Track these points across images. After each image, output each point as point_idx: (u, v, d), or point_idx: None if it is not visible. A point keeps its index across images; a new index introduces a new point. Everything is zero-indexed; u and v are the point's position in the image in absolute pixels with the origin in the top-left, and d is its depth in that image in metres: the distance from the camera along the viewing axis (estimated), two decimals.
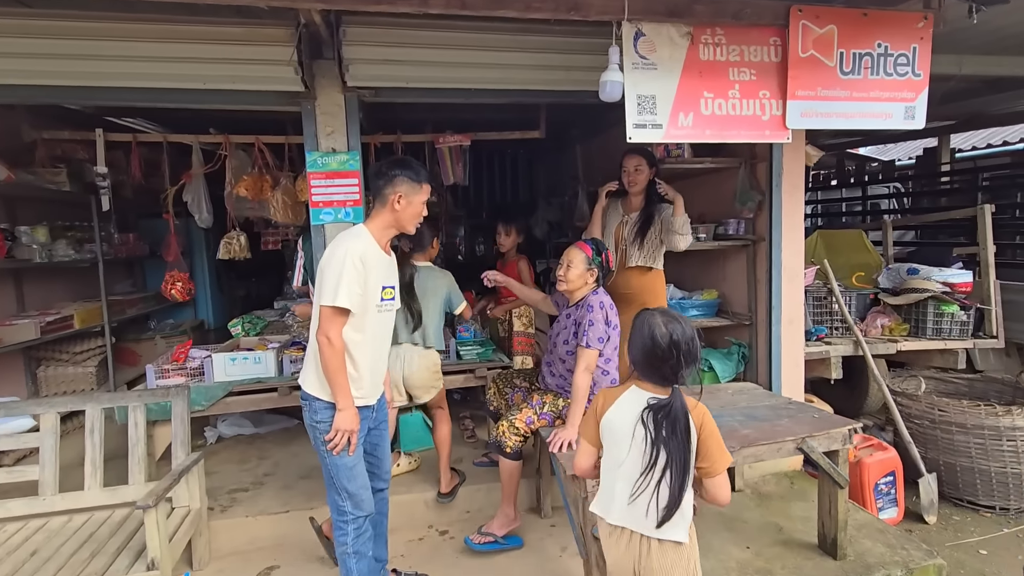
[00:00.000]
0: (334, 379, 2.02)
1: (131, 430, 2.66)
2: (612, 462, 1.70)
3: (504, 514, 2.77)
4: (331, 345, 1.98)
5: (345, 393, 2.03)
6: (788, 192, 3.30)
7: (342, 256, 1.98)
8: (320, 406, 2.09)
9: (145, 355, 5.07)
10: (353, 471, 2.11)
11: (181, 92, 2.60)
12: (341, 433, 2.04)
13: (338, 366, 2.00)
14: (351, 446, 2.07)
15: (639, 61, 2.22)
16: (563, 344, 2.67)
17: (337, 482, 2.11)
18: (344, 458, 2.08)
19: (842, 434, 2.52)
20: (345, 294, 1.96)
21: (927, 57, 2.42)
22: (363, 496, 2.14)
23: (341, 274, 1.95)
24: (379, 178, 2.08)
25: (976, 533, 3.21)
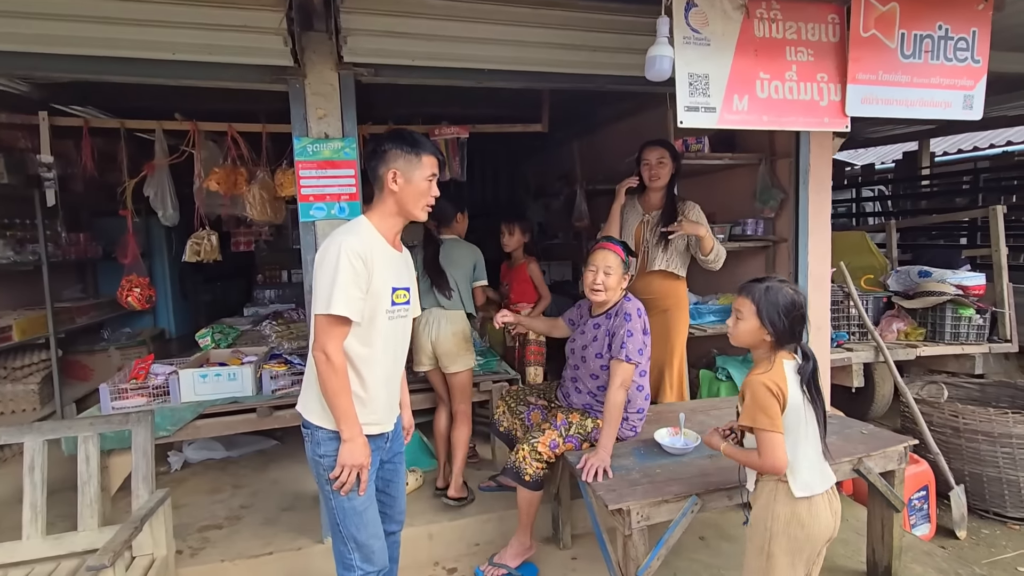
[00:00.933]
0: (335, 403, 1.66)
1: (81, 465, 2.23)
2: (796, 438, 1.69)
3: (519, 542, 2.47)
4: (329, 362, 1.63)
5: (350, 420, 1.67)
6: (815, 190, 3.10)
7: (336, 254, 1.64)
8: (323, 436, 1.73)
9: (98, 369, 4.55)
10: (364, 516, 1.74)
11: (144, 64, 2.18)
12: (348, 469, 1.68)
13: (339, 387, 1.65)
14: (361, 484, 1.71)
15: (691, 35, 1.95)
16: (595, 358, 2.37)
17: (344, 529, 1.74)
18: (353, 500, 1.72)
19: (898, 452, 2.31)
20: (342, 300, 1.61)
21: (986, 43, 2.25)
22: (374, 547, 1.77)
23: (336, 276, 1.61)
24: (372, 158, 1.75)
25: (1009, 548, 3.06)
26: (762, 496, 1.75)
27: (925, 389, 3.73)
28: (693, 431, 2.40)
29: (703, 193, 3.97)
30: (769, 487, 1.74)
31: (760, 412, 1.63)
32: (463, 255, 3.04)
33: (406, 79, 2.49)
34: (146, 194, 3.29)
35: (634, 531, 1.97)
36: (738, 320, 1.74)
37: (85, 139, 3.12)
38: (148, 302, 3.43)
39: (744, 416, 1.69)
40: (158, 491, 2.25)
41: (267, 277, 6.02)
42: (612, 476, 2.14)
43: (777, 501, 1.72)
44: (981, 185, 6.23)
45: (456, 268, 2.99)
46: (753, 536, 1.77)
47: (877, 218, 7.44)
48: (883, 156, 10.22)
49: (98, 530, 2.19)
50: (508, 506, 2.81)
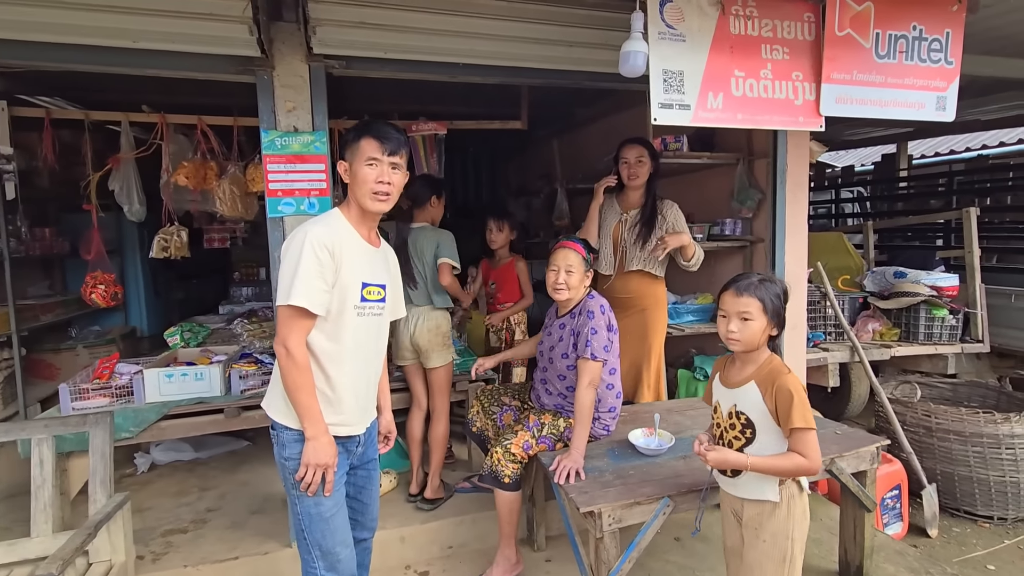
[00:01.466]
0: (297, 399, 1.59)
1: (35, 469, 2.14)
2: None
3: (504, 557, 2.40)
4: (290, 356, 1.56)
5: (314, 417, 1.59)
6: (792, 191, 3.11)
7: (300, 243, 1.57)
8: (288, 437, 1.66)
9: (65, 368, 4.40)
10: (330, 523, 1.67)
11: (104, 52, 2.09)
12: (312, 469, 1.60)
13: (300, 383, 1.58)
14: (326, 486, 1.63)
15: (666, 31, 1.92)
16: (562, 359, 2.33)
17: (309, 535, 1.67)
18: (319, 505, 1.65)
19: (870, 453, 2.31)
20: (302, 291, 1.54)
21: (959, 45, 2.26)
22: (341, 555, 1.70)
23: (298, 266, 1.55)
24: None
25: (979, 546, 3.10)
26: (783, 504, 1.68)
27: (899, 389, 3.77)
28: (668, 431, 2.39)
29: (681, 192, 3.96)
30: (788, 492, 1.68)
31: (808, 411, 1.59)
32: (427, 241, 2.86)
33: (378, 72, 2.43)
34: (111, 188, 3.18)
35: (605, 534, 1.94)
36: (747, 322, 1.65)
37: (47, 131, 3.01)
38: (114, 299, 3.32)
39: (796, 418, 1.58)
40: (117, 495, 2.17)
41: (244, 275, 5.90)
42: (584, 478, 2.11)
43: (794, 504, 1.69)
44: (955, 188, 6.34)
45: (421, 257, 2.84)
46: (772, 550, 1.69)
47: (856, 219, 7.53)
48: (863, 158, 10.36)
49: (52, 536, 2.11)
50: (482, 508, 2.77)
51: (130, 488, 3.14)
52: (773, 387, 1.63)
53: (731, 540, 1.86)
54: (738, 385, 1.72)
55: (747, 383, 1.70)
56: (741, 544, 1.80)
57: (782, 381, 1.63)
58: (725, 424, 1.77)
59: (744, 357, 1.73)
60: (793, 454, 1.62)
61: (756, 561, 1.73)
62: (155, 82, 3.26)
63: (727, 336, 1.69)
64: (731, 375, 1.77)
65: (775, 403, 1.63)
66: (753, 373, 1.69)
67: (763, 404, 1.66)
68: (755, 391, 1.67)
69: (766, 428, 1.67)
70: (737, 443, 1.73)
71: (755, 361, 1.71)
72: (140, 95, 3.58)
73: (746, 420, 1.70)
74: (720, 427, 1.79)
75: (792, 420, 1.58)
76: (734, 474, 1.76)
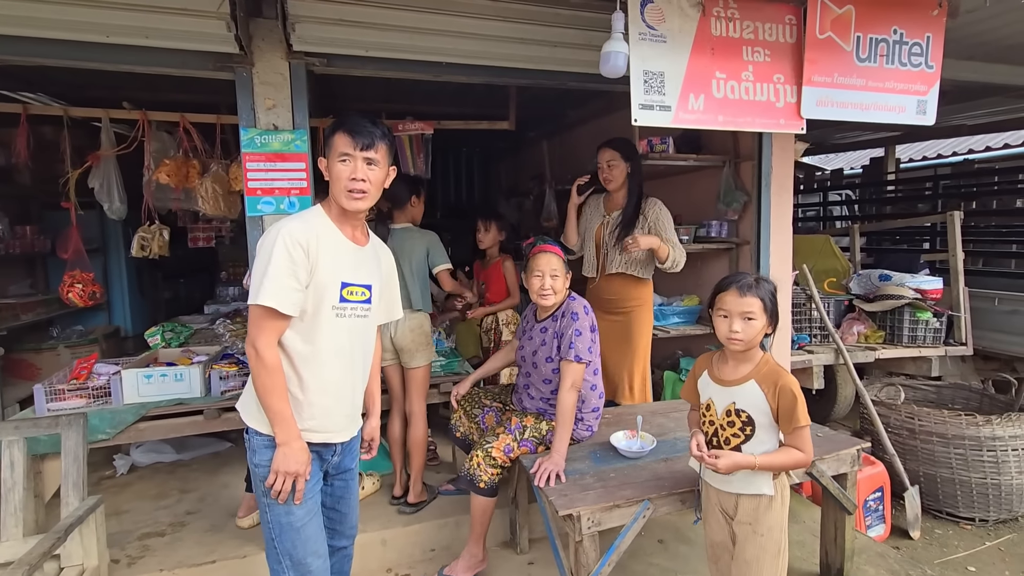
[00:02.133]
0: (267, 403, 1.53)
1: (5, 472, 2.10)
2: None
3: (470, 554, 2.39)
4: (259, 358, 1.51)
5: (285, 422, 1.54)
6: (777, 193, 3.12)
7: (272, 241, 1.51)
8: (260, 443, 1.60)
9: (46, 368, 4.35)
10: (301, 533, 1.60)
11: (76, 47, 2.06)
12: (281, 476, 1.54)
13: (270, 386, 1.52)
14: (296, 494, 1.58)
15: (646, 32, 1.92)
16: (546, 363, 2.32)
17: (279, 544, 1.60)
18: (290, 514, 1.59)
19: (851, 455, 2.31)
20: (271, 290, 1.47)
21: (940, 49, 2.27)
22: (312, 566, 1.62)
23: (269, 264, 1.48)
24: None
25: (960, 547, 3.11)
26: (777, 498, 1.74)
27: (883, 391, 3.78)
28: (650, 434, 2.38)
29: (668, 194, 3.95)
30: (781, 484, 1.74)
31: (805, 410, 1.65)
32: (415, 244, 2.84)
33: (360, 70, 2.41)
34: (91, 186, 3.13)
35: (585, 537, 1.92)
36: (750, 321, 1.66)
37: (22, 127, 2.95)
38: (92, 299, 3.27)
39: (800, 417, 1.64)
40: (90, 498, 2.13)
41: (230, 274, 5.85)
42: (565, 480, 2.10)
43: (786, 494, 1.75)
44: (941, 191, 6.38)
45: (404, 261, 2.78)
46: (768, 543, 1.73)
47: (844, 222, 7.57)
48: (852, 161, 10.42)
49: (23, 540, 2.07)
50: (465, 510, 2.73)
51: (109, 490, 3.10)
52: (776, 387, 1.67)
53: (719, 536, 1.86)
54: (736, 383, 1.73)
55: (746, 381, 1.71)
56: (730, 540, 1.81)
57: (785, 382, 1.67)
58: (721, 422, 1.77)
59: (739, 356, 1.74)
60: (792, 449, 1.68)
61: (754, 556, 1.74)
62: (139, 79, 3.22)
63: (729, 336, 1.69)
64: (725, 373, 1.77)
65: (777, 403, 1.67)
66: (752, 372, 1.71)
67: (765, 403, 1.69)
68: (756, 390, 1.69)
69: (764, 425, 1.71)
70: (736, 440, 1.74)
71: (751, 360, 1.73)
72: (124, 92, 3.53)
73: (747, 418, 1.72)
74: (715, 424, 1.79)
75: (797, 419, 1.64)
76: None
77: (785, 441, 1.71)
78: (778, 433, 1.74)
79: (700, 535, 2.74)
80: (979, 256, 5.58)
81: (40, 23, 1.97)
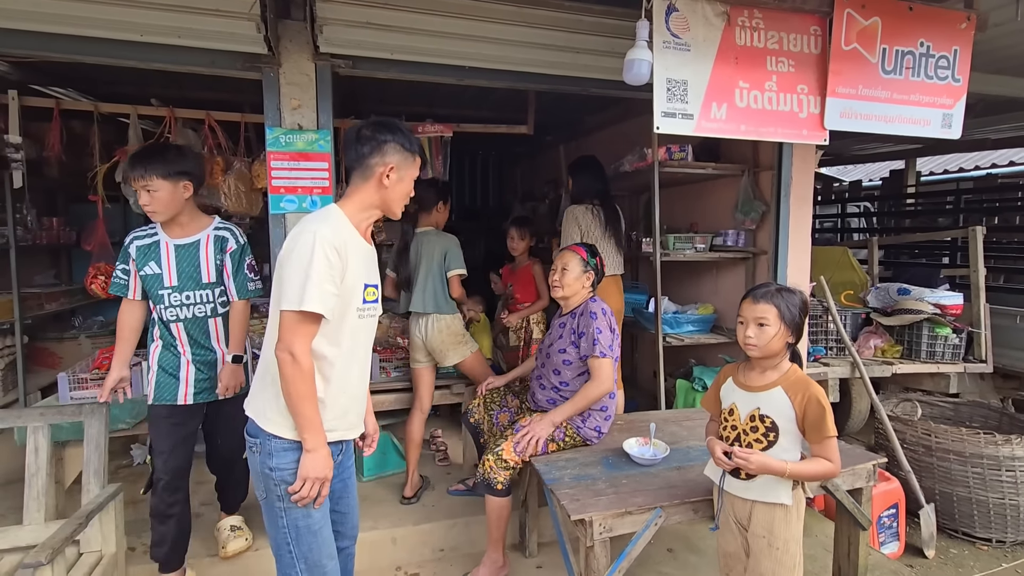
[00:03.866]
0: (300, 409, 1.49)
1: (29, 457, 2.15)
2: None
3: (491, 560, 2.40)
4: (296, 364, 1.47)
5: (316, 428, 1.52)
6: (796, 204, 3.10)
7: (309, 244, 1.48)
8: (278, 447, 1.55)
9: (67, 357, 4.43)
10: (319, 536, 1.60)
11: (110, 44, 2.12)
12: (311, 482, 1.52)
13: (305, 392, 1.49)
14: (319, 499, 1.58)
15: (671, 40, 1.92)
16: (559, 353, 2.38)
17: (296, 548, 1.59)
18: (308, 517, 1.58)
19: (867, 470, 2.29)
20: (316, 295, 1.46)
21: (967, 63, 2.25)
22: (327, 568, 1.63)
23: (309, 269, 1.46)
24: (362, 143, 1.60)
25: (976, 568, 3.05)
26: (794, 509, 1.73)
27: (900, 406, 3.73)
28: (663, 441, 2.37)
29: (685, 202, 3.97)
30: (797, 498, 1.73)
31: (832, 421, 1.65)
32: (433, 246, 2.91)
33: (384, 73, 2.44)
34: (118, 180, 3.20)
35: (596, 542, 1.92)
36: (763, 327, 1.70)
37: (55, 121, 3.03)
38: None
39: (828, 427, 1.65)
40: (110, 486, 2.18)
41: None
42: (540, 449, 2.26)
43: (801, 507, 1.75)
44: (963, 206, 6.29)
45: (426, 261, 2.89)
46: (784, 556, 1.73)
47: (862, 234, 7.50)
48: (872, 173, 10.33)
49: (44, 524, 2.12)
50: (475, 512, 2.76)
51: (126, 479, 3.16)
52: (803, 396, 1.69)
53: (731, 547, 1.85)
54: (762, 390, 1.75)
55: (773, 388, 1.73)
56: (743, 551, 1.81)
57: (812, 392, 1.69)
58: (744, 427, 1.78)
59: (765, 364, 1.77)
60: (821, 459, 1.68)
61: (770, 570, 1.74)
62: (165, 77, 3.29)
63: (745, 342, 1.75)
64: (751, 380, 1.80)
65: (804, 412, 1.68)
66: (779, 380, 1.73)
67: (791, 410, 1.70)
68: (783, 396, 1.71)
69: (788, 432, 1.72)
70: (758, 446, 1.75)
71: (778, 369, 1.76)
72: (151, 89, 3.61)
73: (771, 424, 1.73)
74: (737, 429, 1.79)
75: (826, 429, 1.65)
76: (748, 476, 1.76)
77: (813, 452, 1.71)
78: (800, 442, 1.73)
79: (709, 545, 2.73)
80: (1000, 272, 5.49)
81: (79, 21, 2.03)
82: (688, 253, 3.38)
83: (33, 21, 2.01)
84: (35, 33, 2.05)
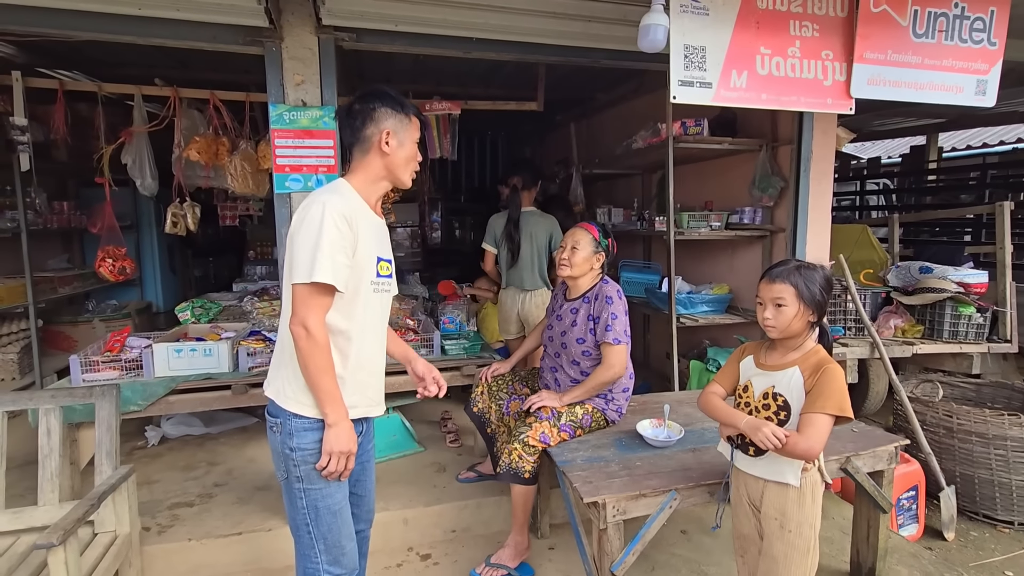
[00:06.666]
0: (319, 383, 1.48)
1: (42, 439, 2.16)
2: None
3: (515, 543, 2.38)
4: (311, 337, 1.45)
5: (336, 402, 1.50)
6: (816, 179, 2.99)
7: (319, 215, 1.44)
8: (299, 426, 1.53)
9: (81, 340, 4.50)
10: (339, 516, 1.59)
11: (109, 19, 2.06)
12: (336, 457, 1.51)
13: (323, 365, 1.48)
14: (346, 472, 1.56)
15: (688, 4, 1.82)
16: (577, 343, 2.29)
17: (315, 529, 1.58)
18: (329, 497, 1.57)
19: (888, 452, 2.23)
20: (328, 266, 1.43)
21: (1004, 24, 2.11)
22: (346, 548, 1.62)
23: (319, 239, 1.43)
24: (354, 117, 1.57)
25: (997, 551, 2.99)
26: (807, 492, 1.68)
27: (920, 387, 3.64)
28: (677, 423, 2.33)
29: (700, 179, 3.86)
30: (811, 479, 1.69)
31: (846, 400, 1.57)
32: (537, 226, 3.30)
33: (389, 46, 2.37)
34: (124, 162, 3.18)
35: (609, 525, 1.89)
36: (780, 307, 1.65)
37: (59, 102, 3.00)
38: (121, 273, 3.34)
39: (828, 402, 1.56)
40: (122, 467, 2.18)
41: (258, 253, 5.93)
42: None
43: (817, 491, 1.69)
44: (988, 181, 6.08)
45: (529, 238, 3.29)
46: (797, 540, 1.68)
47: (881, 212, 7.30)
48: (891, 150, 10.04)
49: (59, 505, 2.14)
50: (487, 493, 2.75)
51: (140, 461, 3.19)
52: (817, 373, 1.63)
53: (746, 528, 1.82)
54: (779, 369, 1.71)
55: (790, 367, 1.68)
56: (756, 533, 1.78)
57: (827, 367, 1.63)
58: (757, 404, 1.74)
59: (786, 344, 1.72)
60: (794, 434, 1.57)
61: (782, 553, 1.70)
62: (171, 57, 3.23)
63: (763, 323, 1.70)
64: (770, 359, 1.76)
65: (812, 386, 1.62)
66: (798, 360, 1.68)
67: (803, 389, 1.65)
68: (798, 375, 1.66)
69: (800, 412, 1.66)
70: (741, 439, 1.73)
71: (800, 349, 1.70)
72: (157, 70, 3.56)
73: (783, 402, 1.68)
74: (750, 406, 1.76)
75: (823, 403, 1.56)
76: (757, 453, 1.72)
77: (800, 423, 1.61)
78: None
79: (724, 526, 2.69)
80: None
81: None
82: (703, 231, 3.30)
83: None
84: (30, 8, 1.99)
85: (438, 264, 6.68)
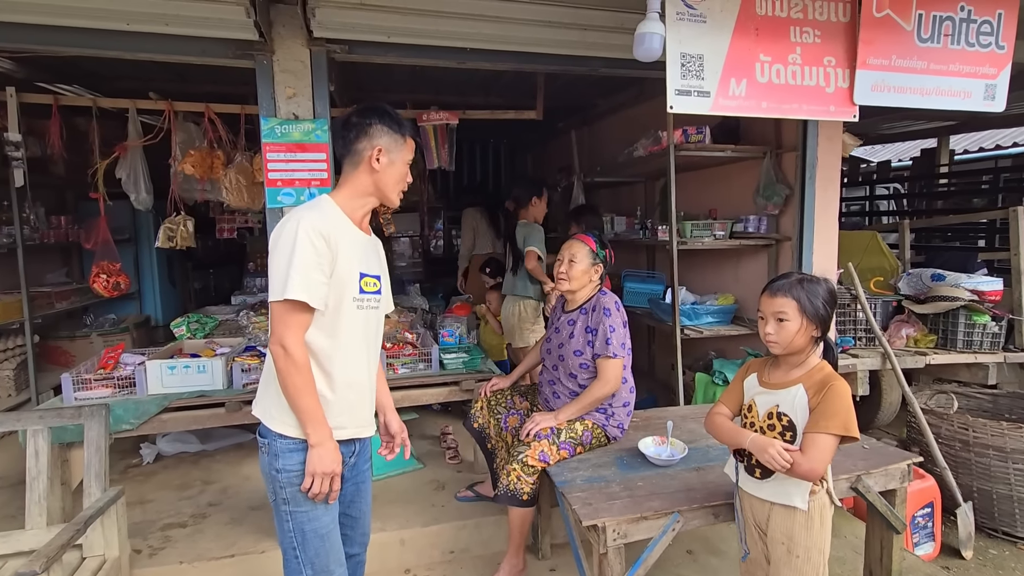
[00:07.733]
0: (299, 403, 1.45)
1: (30, 460, 2.12)
2: None
3: (511, 564, 2.32)
4: (288, 356, 1.42)
5: (318, 422, 1.46)
6: (822, 186, 2.92)
7: (293, 232, 1.42)
8: (284, 447, 1.50)
9: (79, 355, 4.47)
10: (326, 540, 1.54)
11: (98, 35, 2.03)
12: (319, 478, 1.47)
13: (301, 385, 1.44)
14: (332, 494, 1.52)
15: (684, 11, 1.77)
16: (574, 356, 2.23)
17: (302, 554, 1.53)
18: (315, 520, 1.52)
19: (901, 470, 2.14)
20: (300, 283, 1.40)
21: (1013, 27, 2.04)
22: (335, 573, 1.57)
23: (292, 257, 1.41)
24: (348, 129, 1.55)
25: (1017, 570, 2.88)
26: (815, 516, 1.61)
27: (934, 399, 3.54)
28: (681, 440, 2.25)
29: (703, 187, 3.79)
30: (820, 502, 1.61)
31: (851, 419, 1.51)
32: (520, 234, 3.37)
33: (382, 58, 2.33)
34: (118, 176, 3.16)
35: (610, 549, 1.82)
36: (783, 322, 1.59)
37: (54, 117, 2.99)
38: (116, 289, 3.31)
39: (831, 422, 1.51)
40: (111, 489, 2.13)
41: (258, 265, 5.90)
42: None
43: (826, 515, 1.62)
44: (1001, 185, 5.96)
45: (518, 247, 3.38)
46: (806, 566, 1.61)
47: (892, 217, 7.19)
48: (900, 153, 9.93)
49: (46, 528, 2.08)
50: (485, 513, 2.68)
51: (135, 479, 3.14)
52: (822, 391, 1.56)
53: (752, 552, 1.74)
54: (782, 387, 1.64)
55: (794, 386, 1.62)
56: (763, 557, 1.71)
57: (835, 384, 1.56)
58: (762, 424, 1.67)
59: (790, 360, 1.65)
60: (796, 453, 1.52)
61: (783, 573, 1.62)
62: (167, 71, 3.21)
63: (765, 338, 1.64)
64: (774, 377, 1.69)
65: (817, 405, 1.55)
66: (802, 377, 1.62)
67: (808, 407, 1.59)
68: (802, 394, 1.59)
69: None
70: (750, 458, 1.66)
71: (804, 366, 1.63)
72: (154, 84, 3.55)
73: (788, 422, 1.61)
74: (755, 426, 1.69)
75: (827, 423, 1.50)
76: (763, 475, 1.65)
77: (803, 442, 1.55)
78: None
79: (731, 547, 2.60)
80: None
81: (62, 11, 1.95)
82: (707, 241, 3.23)
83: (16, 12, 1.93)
84: (20, 25, 1.97)
85: (440, 274, 6.63)
